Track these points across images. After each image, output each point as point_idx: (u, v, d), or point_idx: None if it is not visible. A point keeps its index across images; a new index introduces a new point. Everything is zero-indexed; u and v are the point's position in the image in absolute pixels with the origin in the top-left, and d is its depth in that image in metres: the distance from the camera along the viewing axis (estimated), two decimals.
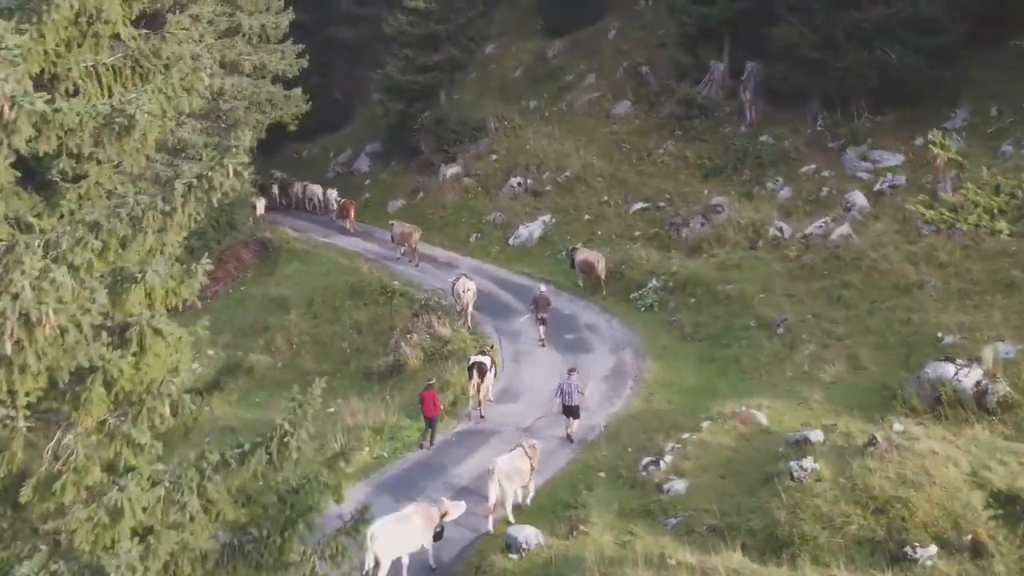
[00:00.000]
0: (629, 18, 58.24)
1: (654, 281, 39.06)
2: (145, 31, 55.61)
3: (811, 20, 43.49)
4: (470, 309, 38.24)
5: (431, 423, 29.13)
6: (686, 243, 41.82)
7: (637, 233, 43.85)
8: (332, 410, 34.63)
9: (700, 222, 42.12)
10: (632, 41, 55.85)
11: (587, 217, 45.97)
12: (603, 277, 39.80)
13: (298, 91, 50.34)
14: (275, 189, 56.15)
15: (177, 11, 46.68)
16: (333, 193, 54.52)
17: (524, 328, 37.59)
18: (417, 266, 45.48)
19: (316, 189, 57.00)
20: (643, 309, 38.38)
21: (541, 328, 36.04)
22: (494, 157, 51.40)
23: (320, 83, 62.66)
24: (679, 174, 46.73)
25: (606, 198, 46.60)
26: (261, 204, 52.94)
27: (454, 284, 39.00)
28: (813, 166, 43.53)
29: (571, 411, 28.53)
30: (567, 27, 60.27)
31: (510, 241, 45.98)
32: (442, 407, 29.95)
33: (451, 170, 51.43)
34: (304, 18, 60.80)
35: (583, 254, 40.78)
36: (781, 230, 39.52)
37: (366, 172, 56.62)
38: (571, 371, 29.32)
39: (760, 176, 44.44)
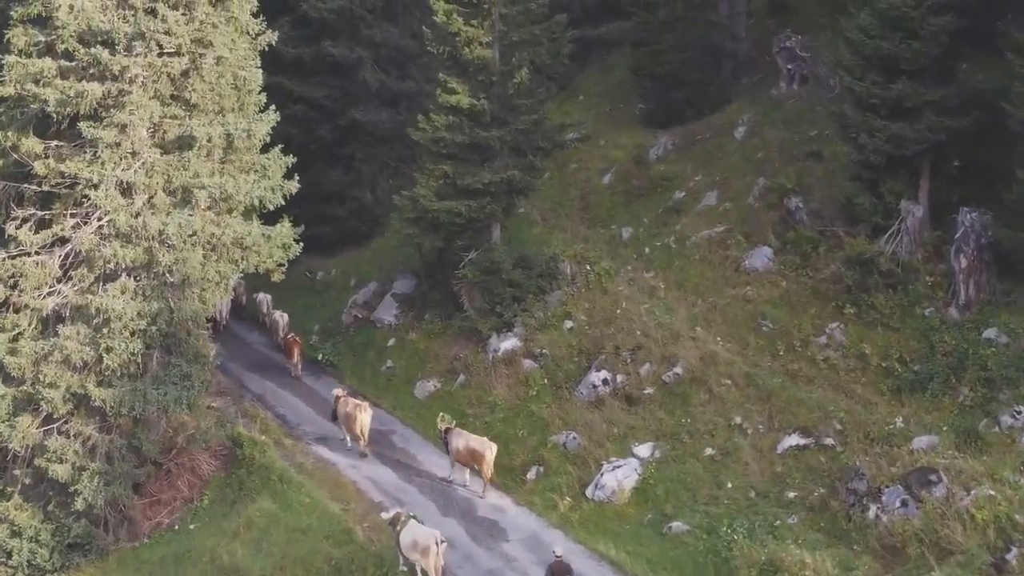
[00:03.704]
0: (765, 108, 40.87)
1: None
2: (56, 143, 36.09)
3: None
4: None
5: None
6: (877, 534, 25.11)
7: (791, 495, 27.21)
8: None
9: (899, 498, 25.28)
10: (770, 144, 38.69)
11: (709, 451, 29.28)
12: (490, 474, 30.12)
13: (285, 227, 34.32)
14: None
15: (99, 116, 31.48)
16: (284, 317, 41.93)
17: None
18: (365, 456, 33.31)
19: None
20: None
21: None
22: (569, 326, 34.68)
23: (344, 180, 47.42)
24: (854, 382, 29.85)
25: (739, 419, 29.81)
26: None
27: (398, 528, 26.36)
28: None
29: None
30: (676, 116, 43.38)
31: (588, 492, 29.31)
32: None
33: (505, 344, 34.94)
34: (319, 95, 45.62)
35: (464, 438, 30.92)
36: None
37: (390, 325, 39.84)
38: None
39: (989, 399, 27.60)
